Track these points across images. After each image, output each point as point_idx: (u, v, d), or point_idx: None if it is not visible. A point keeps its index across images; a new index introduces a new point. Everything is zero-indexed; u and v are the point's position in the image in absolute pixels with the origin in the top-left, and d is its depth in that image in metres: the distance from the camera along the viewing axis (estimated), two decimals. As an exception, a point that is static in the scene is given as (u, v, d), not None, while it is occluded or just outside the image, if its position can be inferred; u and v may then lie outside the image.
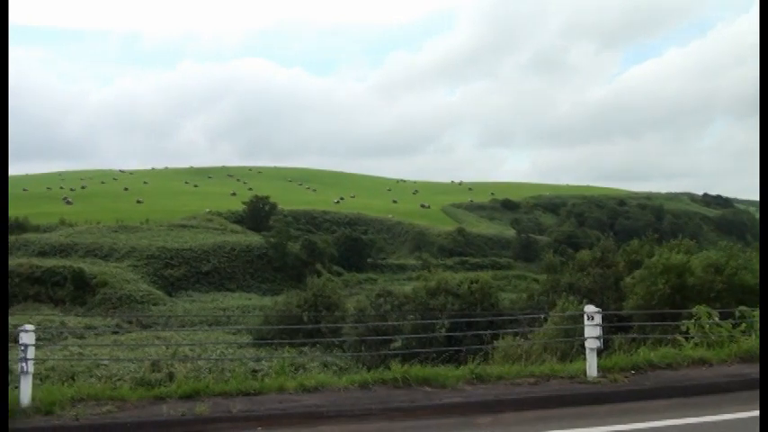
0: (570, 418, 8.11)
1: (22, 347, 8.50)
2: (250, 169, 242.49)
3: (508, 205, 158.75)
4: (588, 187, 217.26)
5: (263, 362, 24.59)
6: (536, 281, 47.78)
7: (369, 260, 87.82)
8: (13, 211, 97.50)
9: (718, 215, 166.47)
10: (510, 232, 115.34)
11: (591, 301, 13.86)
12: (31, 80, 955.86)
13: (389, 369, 9.81)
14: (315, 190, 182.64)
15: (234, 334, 37.59)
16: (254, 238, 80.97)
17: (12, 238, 74.48)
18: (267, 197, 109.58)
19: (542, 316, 18.52)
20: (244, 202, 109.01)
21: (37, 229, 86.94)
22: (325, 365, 24.78)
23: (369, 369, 11.26)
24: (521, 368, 10.19)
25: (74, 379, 20.34)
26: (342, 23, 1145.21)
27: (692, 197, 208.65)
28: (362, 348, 26.02)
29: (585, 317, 9.72)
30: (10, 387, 12.86)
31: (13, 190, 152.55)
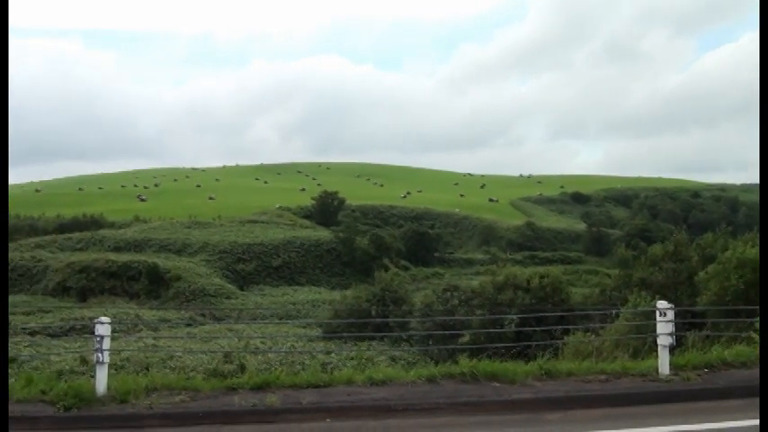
0: (640, 416, 7.99)
1: (98, 339, 8.74)
2: (319, 165, 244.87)
3: (578, 198, 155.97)
4: (661, 179, 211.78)
5: (333, 355, 24.90)
6: (608, 276, 46.88)
7: (436, 254, 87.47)
8: (89, 209, 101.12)
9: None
10: (580, 226, 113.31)
11: (663, 297, 13.57)
12: (107, 83, 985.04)
13: (457, 363, 9.83)
14: (382, 185, 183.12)
15: (304, 327, 38.07)
16: (324, 233, 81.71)
17: (88, 234, 77.13)
18: (335, 192, 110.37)
19: (613, 312, 18.20)
20: (313, 198, 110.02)
21: (112, 225, 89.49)
22: (393, 359, 24.90)
23: (436, 363, 11.28)
24: (591, 365, 10.06)
25: (148, 369, 20.96)
26: (411, 18, 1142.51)
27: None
28: (430, 342, 26.05)
29: (658, 313, 9.55)
30: (86, 376, 13.36)
31: (89, 188, 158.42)
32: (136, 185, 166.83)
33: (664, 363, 9.45)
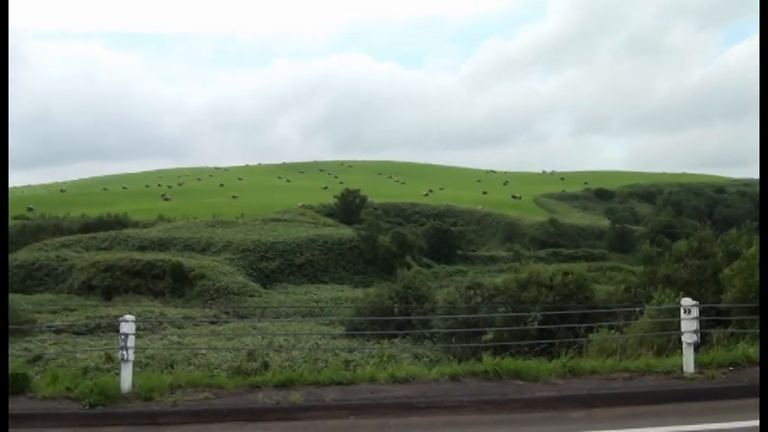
0: (664, 414, 7.93)
1: (123, 337, 8.83)
2: (341, 164, 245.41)
3: (602, 195, 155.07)
4: (685, 174, 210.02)
5: (355, 352, 24.92)
6: (632, 272, 46.48)
7: (458, 252, 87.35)
8: (114, 208, 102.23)
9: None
10: (604, 222, 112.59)
11: (688, 294, 13.46)
12: (131, 84, 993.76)
13: (480, 361, 9.80)
14: (404, 183, 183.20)
15: (327, 325, 38.10)
16: (346, 231, 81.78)
17: (112, 233, 77.82)
18: (358, 190, 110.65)
19: (638, 309, 18.06)
20: (335, 196, 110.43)
21: (136, 224, 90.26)
22: (416, 357, 24.85)
23: (459, 361, 11.26)
24: (615, 363, 9.99)
25: (173, 367, 21.09)
26: (433, 14, 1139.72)
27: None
28: (453, 340, 25.98)
29: (682, 310, 9.46)
30: (111, 374, 13.52)
31: (113, 188, 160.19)
32: (160, 185, 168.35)
33: (688, 360, 9.36)
